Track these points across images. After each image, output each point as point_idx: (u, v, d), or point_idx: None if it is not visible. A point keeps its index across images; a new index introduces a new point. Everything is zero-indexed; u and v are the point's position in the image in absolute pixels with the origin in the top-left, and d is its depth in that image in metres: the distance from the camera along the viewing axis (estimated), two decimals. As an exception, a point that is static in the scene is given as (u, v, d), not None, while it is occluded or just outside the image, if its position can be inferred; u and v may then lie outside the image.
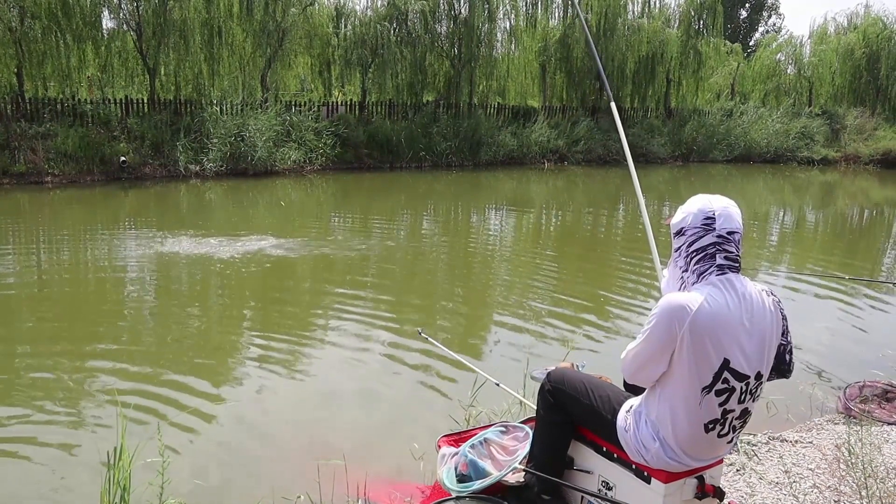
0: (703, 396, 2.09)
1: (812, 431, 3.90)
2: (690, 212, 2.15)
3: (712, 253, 2.10)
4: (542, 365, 3.41)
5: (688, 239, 2.14)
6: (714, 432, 2.15)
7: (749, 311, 2.08)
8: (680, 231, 2.18)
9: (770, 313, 2.13)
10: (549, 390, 2.57)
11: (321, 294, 7.22)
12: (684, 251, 2.16)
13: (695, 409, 2.11)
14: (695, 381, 2.08)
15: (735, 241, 2.12)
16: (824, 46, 27.14)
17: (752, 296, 2.10)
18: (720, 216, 2.11)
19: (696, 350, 2.04)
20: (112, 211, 12.39)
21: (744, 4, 45.52)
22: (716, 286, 2.07)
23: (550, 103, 24.21)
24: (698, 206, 2.14)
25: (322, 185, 16.13)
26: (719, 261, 2.10)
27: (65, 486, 3.48)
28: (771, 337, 2.13)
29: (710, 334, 2.02)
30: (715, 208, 2.12)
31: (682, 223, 2.17)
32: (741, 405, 2.13)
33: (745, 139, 24.59)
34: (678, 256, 2.19)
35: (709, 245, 2.10)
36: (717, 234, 2.10)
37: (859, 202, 16.96)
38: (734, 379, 2.08)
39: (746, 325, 2.07)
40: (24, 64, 15.52)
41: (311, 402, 4.55)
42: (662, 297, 2.12)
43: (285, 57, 19.31)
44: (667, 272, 2.31)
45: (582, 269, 8.63)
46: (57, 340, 5.56)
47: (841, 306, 6.92)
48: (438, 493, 2.88)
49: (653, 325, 2.09)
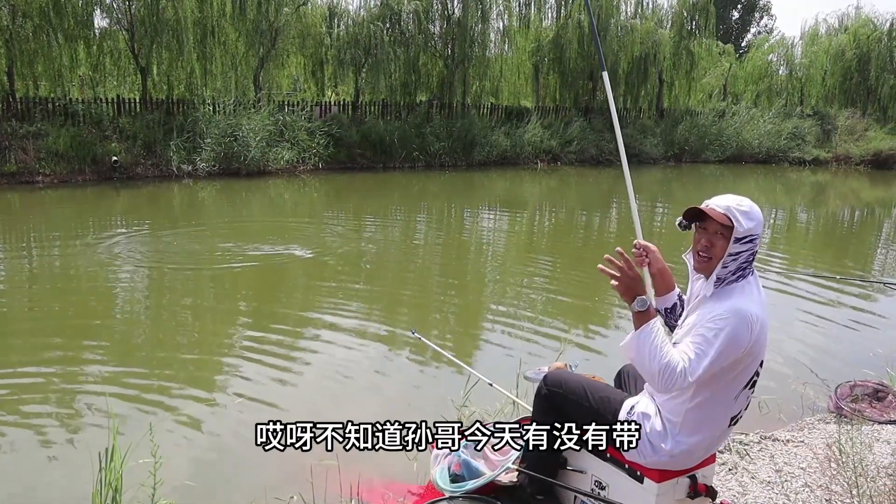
0: (741, 392, 2.20)
1: (803, 431, 3.92)
2: (759, 221, 2.14)
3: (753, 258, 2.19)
4: (535, 365, 3.42)
5: (753, 247, 2.14)
6: (735, 425, 2.29)
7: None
8: (750, 238, 2.12)
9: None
10: (546, 394, 2.56)
11: (313, 294, 7.21)
12: (745, 257, 2.14)
13: (729, 405, 2.21)
14: (738, 381, 2.17)
15: None
16: (815, 47, 27.29)
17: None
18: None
19: (753, 357, 2.14)
20: (104, 210, 12.33)
21: (736, 5, 45.67)
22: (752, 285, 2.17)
23: (543, 103, 24.25)
24: (759, 214, 2.15)
25: (315, 185, 16.09)
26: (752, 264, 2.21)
27: (56, 487, 3.46)
28: None
29: (760, 338, 2.13)
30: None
31: (755, 230, 2.12)
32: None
33: (737, 140, 24.69)
34: (732, 261, 2.13)
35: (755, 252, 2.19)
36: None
37: (850, 202, 17.06)
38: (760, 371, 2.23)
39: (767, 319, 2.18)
40: (15, 63, 15.42)
41: (304, 401, 4.53)
42: (741, 306, 2.08)
43: (278, 56, 19.28)
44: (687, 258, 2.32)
45: (574, 269, 8.64)
46: (48, 340, 5.52)
47: (832, 306, 6.96)
48: (432, 493, 2.88)
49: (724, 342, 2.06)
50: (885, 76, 25.96)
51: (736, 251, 2.12)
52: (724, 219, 2.10)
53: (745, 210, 2.11)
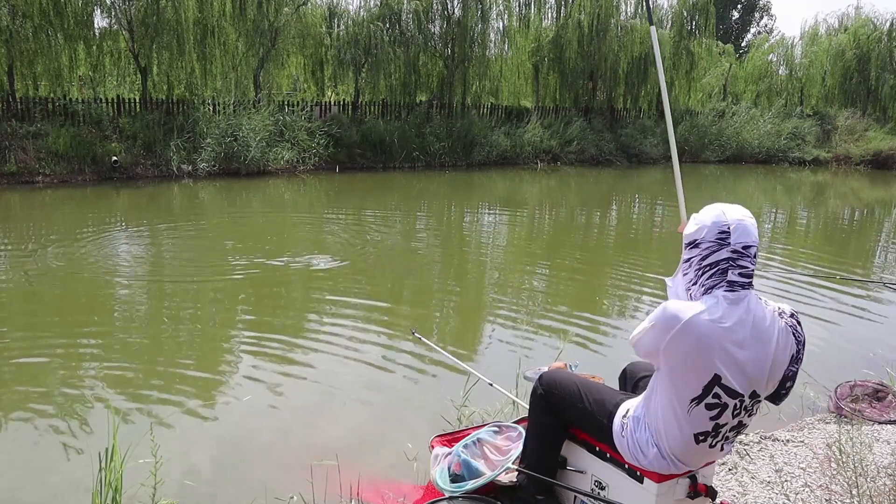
0: (693, 407, 2.06)
1: (803, 431, 3.92)
2: (705, 224, 2.05)
3: (724, 269, 2.02)
4: (534, 365, 3.42)
5: (701, 252, 2.05)
6: (705, 443, 2.13)
7: (754, 330, 2.00)
8: (694, 243, 2.08)
9: (781, 335, 2.05)
10: (542, 394, 2.55)
11: (313, 294, 7.21)
12: (696, 264, 2.07)
13: (684, 418, 2.09)
14: (682, 391, 2.06)
15: (751, 255, 2.03)
16: (815, 47, 27.30)
17: (762, 315, 2.03)
18: (735, 230, 2.01)
19: (685, 360, 2.01)
20: (104, 211, 12.32)
21: (736, 5, 45.69)
22: (719, 300, 2.00)
23: (543, 104, 24.24)
24: (713, 217, 2.04)
25: (315, 185, 16.09)
26: (731, 277, 2.01)
27: (56, 486, 3.46)
28: (776, 359, 2.06)
29: (700, 347, 1.97)
30: (730, 221, 2.02)
31: (696, 234, 2.07)
32: (735, 419, 2.11)
33: (737, 140, 24.70)
34: (688, 268, 2.10)
35: (722, 260, 2.02)
36: (731, 249, 2.01)
37: (850, 202, 17.05)
38: (726, 395, 2.03)
39: (746, 343, 1.99)
40: (15, 63, 15.42)
41: (304, 401, 4.53)
42: (666, 302, 2.08)
43: (278, 56, 19.26)
44: (671, 281, 2.23)
45: (575, 269, 8.64)
46: (48, 339, 5.52)
47: (832, 306, 6.95)
48: (432, 493, 2.88)
49: (649, 326, 2.06)
50: (885, 76, 25.95)
51: (686, 257, 2.11)
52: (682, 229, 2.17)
53: (696, 215, 2.11)
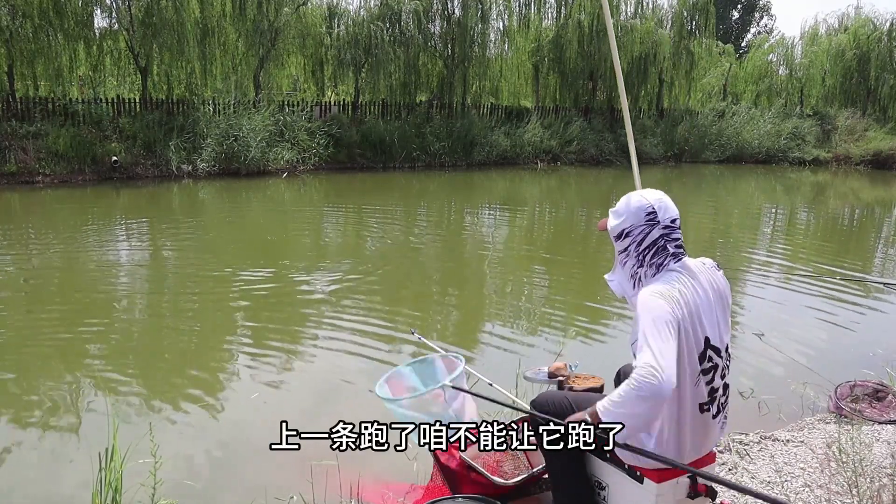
0: (698, 379, 2.13)
1: (803, 431, 3.92)
2: (629, 212, 2.18)
3: (663, 245, 2.15)
4: (534, 365, 3.41)
5: (635, 238, 2.17)
6: (708, 414, 2.19)
7: (711, 287, 2.16)
8: (622, 234, 2.20)
9: (723, 284, 2.22)
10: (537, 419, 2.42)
11: (313, 294, 7.20)
12: (634, 251, 2.18)
13: (692, 394, 2.14)
14: (689, 367, 2.11)
15: (678, 227, 2.19)
16: (815, 48, 27.30)
17: (707, 272, 2.19)
18: (660, 208, 2.17)
19: (688, 337, 2.07)
20: (104, 211, 12.33)
21: (736, 5, 45.67)
22: (678, 272, 2.12)
23: (543, 104, 24.25)
24: (635, 204, 2.18)
25: (315, 185, 16.09)
26: (672, 249, 2.15)
27: (56, 487, 3.46)
28: (727, 306, 2.22)
29: (694, 318, 2.08)
30: (652, 202, 2.17)
31: (622, 225, 2.19)
32: (722, 381, 2.19)
33: (737, 140, 24.71)
34: (626, 257, 2.21)
35: (658, 238, 2.15)
36: (662, 226, 2.15)
37: (850, 202, 17.05)
38: (715, 356, 2.14)
39: (711, 300, 2.14)
40: (15, 63, 15.43)
41: (304, 401, 4.53)
42: (643, 297, 2.07)
43: (278, 57, 19.28)
44: (611, 276, 2.32)
45: (575, 269, 8.64)
46: (48, 339, 5.52)
47: (832, 306, 6.95)
48: (432, 493, 2.88)
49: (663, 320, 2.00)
50: (885, 76, 25.96)
51: (621, 248, 2.21)
52: (603, 227, 2.25)
53: (614, 209, 2.22)
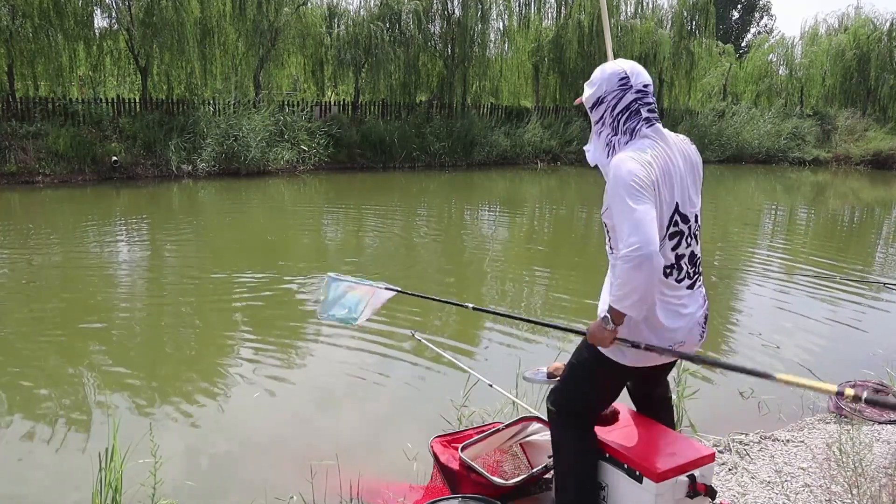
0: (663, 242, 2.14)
1: (803, 431, 3.92)
2: (602, 79, 2.22)
3: (636, 109, 2.18)
4: (534, 365, 3.41)
5: (610, 104, 2.21)
6: (672, 277, 2.20)
7: (683, 156, 2.21)
8: (598, 101, 2.23)
9: (696, 156, 2.27)
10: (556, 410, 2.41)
11: (313, 295, 7.20)
12: (609, 117, 2.22)
13: None
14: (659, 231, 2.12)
15: (650, 92, 2.21)
16: (815, 48, 27.29)
17: (680, 143, 2.24)
18: (632, 73, 2.20)
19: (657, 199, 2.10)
20: (104, 211, 12.32)
21: (736, 5, 45.66)
22: (651, 139, 2.16)
23: (543, 104, 24.25)
24: (608, 71, 2.22)
25: (315, 185, 16.09)
26: (645, 114, 2.19)
27: (56, 486, 3.46)
28: (698, 179, 2.27)
29: (665, 182, 2.11)
30: (625, 67, 2.20)
31: (597, 92, 2.23)
32: (689, 248, 2.22)
33: (737, 140, 24.70)
34: (602, 126, 2.24)
35: (631, 102, 2.18)
36: (635, 91, 2.19)
37: (850, 202, 17.05)
38: (682, 222, 2.18)
39: (682, 169, 2.18)
40: (15, 63, 15.43)
41: (304, 401, 4.54)
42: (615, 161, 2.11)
43: (278, 57, 19.29)
44: (589, 146, 2.34)
45: (574, 269, 8.64)
46: (48, 339, 5.52)
47: (832, 306, 6.95)
48: (432, 493, 2.88)
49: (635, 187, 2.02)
50: (885, 76, 25.96)
51: (597, 117, 2.25)
52: (580, 101, 2.31)
53: (589, 81, 2.27)
